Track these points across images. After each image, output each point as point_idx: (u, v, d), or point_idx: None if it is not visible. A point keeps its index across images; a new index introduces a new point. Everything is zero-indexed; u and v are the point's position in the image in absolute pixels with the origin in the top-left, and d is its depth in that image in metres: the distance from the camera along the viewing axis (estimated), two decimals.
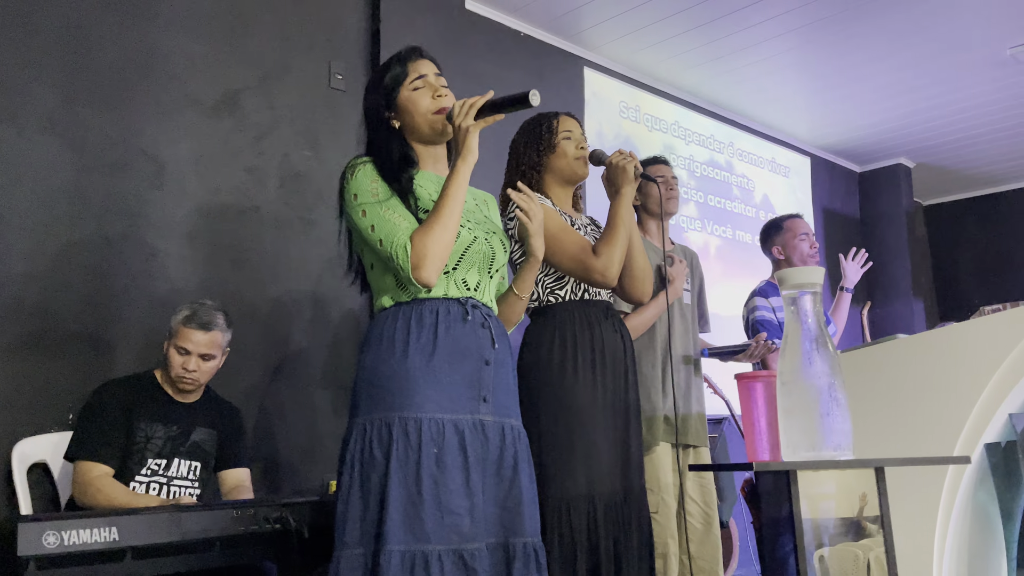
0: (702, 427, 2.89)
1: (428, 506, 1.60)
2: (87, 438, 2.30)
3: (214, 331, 2.44)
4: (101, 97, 2.84)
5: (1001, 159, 6.42)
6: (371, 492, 1.64)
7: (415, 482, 1.62)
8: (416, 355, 1.70)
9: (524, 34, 4.29)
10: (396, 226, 1.70)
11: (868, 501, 1.71)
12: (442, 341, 1.72)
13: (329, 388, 3.28)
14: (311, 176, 3.36)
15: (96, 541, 1.70)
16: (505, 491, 1.72)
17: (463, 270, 1.80)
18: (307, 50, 3.42)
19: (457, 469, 1.65)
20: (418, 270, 1.67)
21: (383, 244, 1.70)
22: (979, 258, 7.20)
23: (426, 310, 1.74)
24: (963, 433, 2.18)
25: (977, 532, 2.31)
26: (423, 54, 1.91)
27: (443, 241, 1.68)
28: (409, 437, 1.64)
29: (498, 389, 1.77)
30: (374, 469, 1.65)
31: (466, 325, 1.75)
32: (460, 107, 1.74)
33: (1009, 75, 4.95)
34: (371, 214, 1.72)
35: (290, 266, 3.24)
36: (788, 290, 1.55)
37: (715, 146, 5.38)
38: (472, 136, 1.72)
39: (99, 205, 2.79)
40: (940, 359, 2.22)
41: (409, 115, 1.84)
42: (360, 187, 1.76)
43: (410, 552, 1.58)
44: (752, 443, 1.55)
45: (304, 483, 3.14)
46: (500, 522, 1.71)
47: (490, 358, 1.76)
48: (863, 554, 1.76)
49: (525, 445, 1.81)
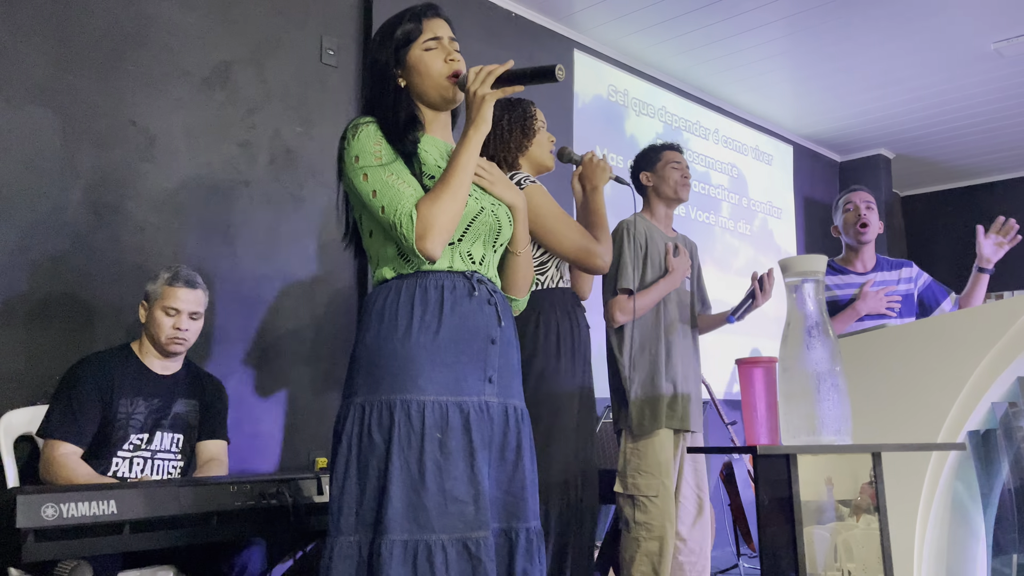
0: (698, 413, 2.93)
1: (432, 494, 1.52)
2: (57, 417, 2.27)
3: (199, 288, 2.45)
4: (91, 67, 2.80)
5: (980, 153, 6.52)
6: (369, 478, 1.54)
7: (418, 469, 1.52)
8: (420, 334, 1.60)
9: (515, 14, 4.27)
10: (400, 193, 1.59)
11: (835, 484, 1.75)
12: (447, 319, 1.62)
13: (317, 365, 3.28)
14: (302, 152, 3.34)
15: (95, 514, 1.70)
16: (509, 475, 1.65)
17: (468, 242, 1.69)
18: (300, 24, 3.39)
19: (461, 454, 1.56)
20: (423, 240, 1.56)
21: (386, 211, 1.59)
22: (954, 250, 7.31)
23: (431, 284, 1.64)
24: (947, 421, 2.23)
25: (957, 517, 2.37)
26: (439, 12, 1.79)
27: (451, 211, 1.58)
28: (412, 421, 1.55)
29: (503, 369, 1.69)
30: (373, 454, 1.55)
31: (472, 301, 1.65)
32: (476, 74, 1.64)
33: (992, 69, 5.02)
34: (373, 178, 1.61)
35: (280, 242, 3.22)
36: (791, 277, 1.58)
37: (700, 132, 5.41)
38: (488, 105, 1.63)
39: (88, 176, 2.76)
40: (927, 349, 2.27)
41: (419, 76, 1.72)
42: (362, 148, 1.63)
43: (413, 542, 1.50)
44: (752, 427, 1.58)
45: (291, 459, 3.15)
46: (504, 507, 1.64)
47: (496, 336, 1.67)
48: (831, 537, 1.80)
49: (528, 427, 1.74)
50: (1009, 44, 4.66)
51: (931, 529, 2.30)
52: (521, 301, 1.86)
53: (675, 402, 2.81)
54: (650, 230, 2.94)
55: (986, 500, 2.36)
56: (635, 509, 2.72)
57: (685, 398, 2.85)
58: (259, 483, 1.95)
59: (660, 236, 2.95)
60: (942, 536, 2.34)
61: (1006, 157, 6.63)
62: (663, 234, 2.97)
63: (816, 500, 1.74)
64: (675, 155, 3.01)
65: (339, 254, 3.29)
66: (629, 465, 2.75)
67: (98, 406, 2.31)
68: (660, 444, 2.73)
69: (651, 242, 2.91)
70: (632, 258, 2.84)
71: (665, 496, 2.70)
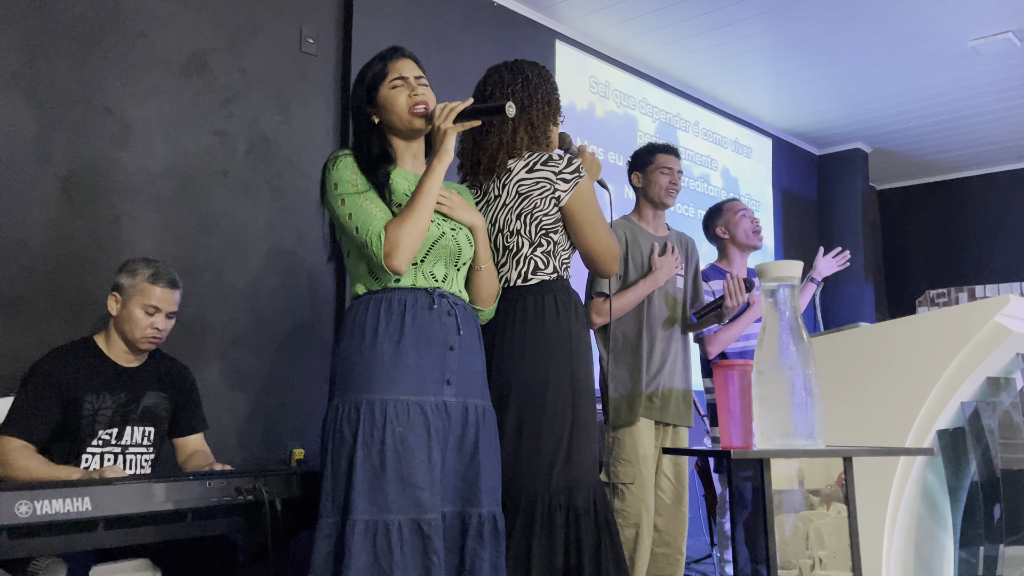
0: (686, 408, 2.95)
1: (391, 480, 1.74)
2: (14, 413, 2.24)
3: (178, 289, 2.42)
4: (66, 53, 2.75)
5: (955, 148, 6.60)
6: (340, 468, 1.77)
7: (379, 458, 1.75)
8: (385, 342, 1.82)
9: (497, 4, 4.25)
10: (372, 215, 1.82)
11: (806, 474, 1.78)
12: (408, 328, 1.83)
13: (294, 356, 3.27)
14: (280, 142, 3.31)
15: (69, 511, 1.68)
16: (465, 465, 1.85)
17: (430, 263, 1.91)
18: (278, 12, 3.35)
19: (421, 446, 1.78)
20: (390, 258, 1.79)
21: (359, 231, 1.81)
22: (927, 243, 7.41)
23: (395, 299, 1.86)
24: (918, 420, 2.27)
25: (925, 511, 2.42)
26: (404, 54, 1.99)
27: (415, 232, 1.81)
28: (375, 417, 1.77)
29: (463, 372, 1.89)
30: (343, 446, 1.78)
31: (432, 313, 1.86)
32: (441, 110, 1.87)
33: (969, 66, 5.07)
34: (349, 203, 1.84)
35: (257, 233, 3.20)
36: (767, 282, 1.59)
37: (681, 124, 5.42)
38: (449, 138, 1.86)
39: (62, 164, 2.72)
40: (899, 349, 2.31)
41: (387, 112, 1.94)
42: (340, 177, 1.87)
43: (373, 521, 1.72)
44: (726, 429, 1.60)
45: (269, 451, 3.14)
46: (459, 493, 1.84)
47: (455, 344, 1.87)
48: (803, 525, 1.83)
49: (490, 422, 1.92)
50: (986, 42, 4.70)
51: (901, 520, 2.35)
52: (487, 311, 2.05)
53: (655, 396, 2.84)
54: (634, 232, 2.95)
55: (955, 494, 2.41)
56: (614, 496, 2.76)
57: (667, 392, 2.87)
58: (235, 479, 1.94)
59: (646, 237, 2.95)
60: (912, 526, 2.39)
61: (981, 152, 6.71)
62: (649, 235, 2.98)
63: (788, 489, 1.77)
64: (668, 159, 3.01)
65: (317, 245, 3.27)
66: (610, 454, 2.79)
67: (57, 403, 2.26)
68: (639, 434, 2.76)
69: (633, 244, 2.92)
70: None
71: (642, 484, 2.74)
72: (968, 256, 7.11)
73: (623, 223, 2.98)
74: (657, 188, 2.98)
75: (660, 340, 2.90)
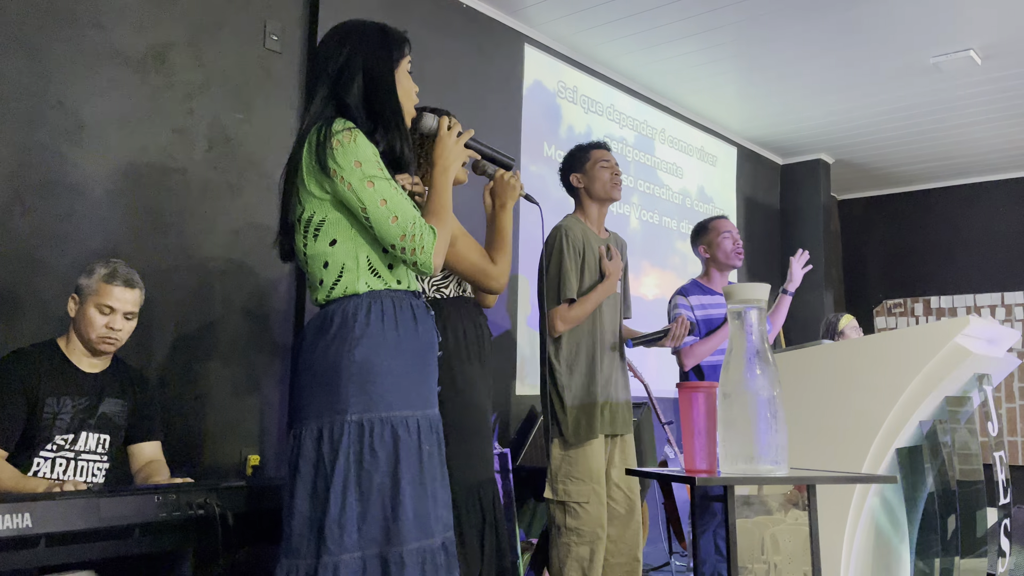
0: (628, 414, 2.96)
1: (430, 502, 1.64)
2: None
3: (136, 288, 2.36)
4: (15, 44, 2.65)
5: (915, 161, 6.71)
6: (373, 494, 1.58)
7: (419, 480, 1.63)
8: (409, 353, 1.68)
9: (467, 5, 4.21)
10: (410, 206, 1.67)
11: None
12: (422, 337, 1.73)
13: (251, 360, 3.19)
14: (242, 140, 3.23)
15: (7, 528, 1.61)
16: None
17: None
18: (242, 6, 3.27)
19: (438, 462, 1.71)
20: (439, 256, 1.68)
21: (399, 221, 1.63)
22: (885, 253, 7.53)
23: (404, 302, 1.72)
24: (877, 438, 2.28)
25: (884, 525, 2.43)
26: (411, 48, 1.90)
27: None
28: (411, 436, 1.64)
29: None
30: (377, 470, 1.59)
31: (430, 319, 1.78)
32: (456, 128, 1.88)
33: (930, 82, 5.14)
34: (380, 188, 1.63)
35: (215, 233, 3.12)
36: (734, 304, 1.58)
37: (647, 131, 5.43)
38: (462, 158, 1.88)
39: (11, 159, 2.62)
40: (861, 368, 2.32)
41: (402, 91, 1.81)
42: (365, 156, 1.63)
43: (420, 548, 1.60)
44: (691, 452, 1.58)
45: (222, 458, 3.06)
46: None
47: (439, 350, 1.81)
48: (758, 530, 1.83)
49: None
50: (947, 59, 4.78)
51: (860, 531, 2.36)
52: None
53: (607, 406, 2.84)
54: (586, 234, 2.94)
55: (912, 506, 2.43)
56: (566, 515, 2.74)
57: (615, 404, 2.88)
58: (186, 493, 1.88)
59: (595, 239, 2.94)
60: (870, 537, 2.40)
61: (940, 166, 6.83)
62: (597, 236, 2.97)
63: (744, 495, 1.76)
64: (603, 153, 3.00)
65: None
66: (560, 472, 2.76)
67: (23, 406, 2.20)
68: (592, 451, 2.75)
69: (587, 247, 2.91)
70: (573, 266, 2.83)
71: (596, 502, 2.72)
72: (925, 267, 7.23)
73: (577, 224, 2.95)
74: (601, 183, 2.96)
75: (608, 349, 2.90)
